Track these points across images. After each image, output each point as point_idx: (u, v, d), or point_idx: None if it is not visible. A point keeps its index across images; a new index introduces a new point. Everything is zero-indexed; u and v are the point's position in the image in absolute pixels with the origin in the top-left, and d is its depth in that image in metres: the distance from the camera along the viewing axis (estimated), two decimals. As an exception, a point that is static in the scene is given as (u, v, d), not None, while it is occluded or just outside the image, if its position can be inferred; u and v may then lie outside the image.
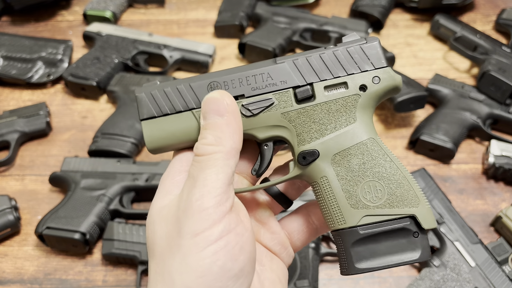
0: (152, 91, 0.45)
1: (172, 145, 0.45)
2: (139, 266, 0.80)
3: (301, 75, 0.44)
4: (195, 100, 0.44)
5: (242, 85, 0.44)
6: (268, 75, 0.44)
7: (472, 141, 1.04)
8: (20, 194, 0.93)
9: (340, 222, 0.43)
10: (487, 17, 1.33)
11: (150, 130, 0.44)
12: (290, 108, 0.44)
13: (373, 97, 0.44)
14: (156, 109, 0.45)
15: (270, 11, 1.25)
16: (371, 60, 0.44)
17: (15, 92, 1.12)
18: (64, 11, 1.32)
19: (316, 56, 0.44)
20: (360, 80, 0.44)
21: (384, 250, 0.42)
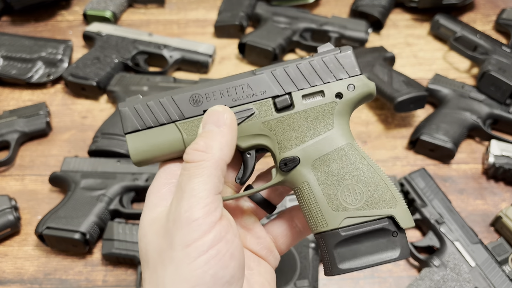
0: (135, 105, 0.46)
1: (156, 157, 0.46)
2: (139, 266, 0.80)
3: (279, 85, 0.46)
4: (177, 113, 0.46)
5: (223, 96, 0.46)
6: (248, 86, 0.46)
7: (472, 141, 1.04)
8: (20, 194, 0.93)
9: (322, 225, 0.44)
10: (487, 17, 1.33)
11: (134, 143, 0.46)
12: (270, 117, 0.46)
13: (349, 104, 0.46)
14: (139, 123, 0.46)
15: (270, 11, 1.25)
16: (346, 68, 0.46)
17: (15, 92, 1.12)
18: (64, 11, 1.32)
19: (293, 66, 0.46)
20: (336, 88, 0.46)
21: (365, 250, 0.44)
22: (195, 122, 0.45)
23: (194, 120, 0.45)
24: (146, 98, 0.46)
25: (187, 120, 0.46)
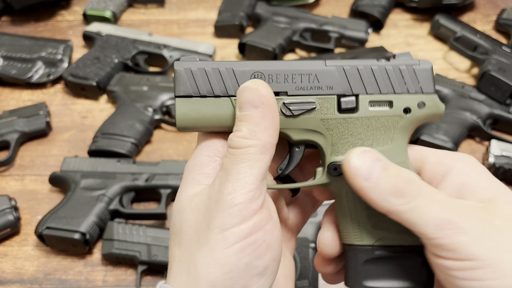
0: (192, 68, 0.43)
1: (202, 127, 0.43)
2: (139, 266, 0.80)
3: (348, 84, 0.42)
4: (235, 87, 0.42)
5: (287, 82, 0.42)
6: (315, 77, 0.43)
7: (472, 141, 1.04)
8: (20, 194, 0.93)
9: (357, 238, 0.42)
10: (487, 17, 1.33)
11: (183, 108, 0.42)
12: (331, 115, 0.42)
13: (414, 121, 0.43)
14: (193, 89, 0.43)
15: (270, 11, 1.25)
16: (421, 84, 0.42)
17: (15, 92, 1.12)
18: (64, 11, 1.32)
19: (367, 67, 0.43)
20: (406, 102, 0.42)
21: (392, 273, 0.42)
22: None
23: None
24: (204, 63, 0.43)
25: None
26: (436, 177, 0.41)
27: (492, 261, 0.35)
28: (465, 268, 0.35)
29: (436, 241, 0.36)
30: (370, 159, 0.39)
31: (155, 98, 1.04)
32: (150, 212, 0.87)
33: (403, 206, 0.37)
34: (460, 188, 0.40)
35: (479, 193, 0.39)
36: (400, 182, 0.37)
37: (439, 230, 0.36)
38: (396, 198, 0.37)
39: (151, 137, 1.02)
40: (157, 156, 1.00)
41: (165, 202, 0.88)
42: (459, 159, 0.41)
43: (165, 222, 0.90)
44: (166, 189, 0.89)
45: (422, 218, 0.36)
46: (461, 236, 0.35)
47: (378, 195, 0.38)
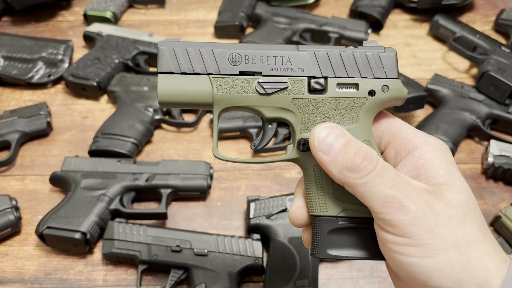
0: (175, 47, 0.46)
1: (182, 102, 0.46)
2: (139, 265, 0.81)
3: (318, 67, 0.46)
4: (214, 66, 0.46)
5: (262, 63, 0.46)
6: (288, 60, 0.46)
7: (472, 141, 1.04)
8: (21, 194, 0.94)
9: (322, 209, 0.46)
10: (487, 18, 1.33)
11: (164, 84, 0.46)
12: (301, 95, 0.46)
13: (378, 103, 0.46)
14: (175, 66, 0.46)
15: (270, 12, 1.25)
16: (385, 69, 0.46)
17: (16, 92, 1.13)
18: (65, 12, 1.33)
19: (336, 52, 0.46)
20: (370, 85, 0.46)
21: (354, 243, 0.46)
22: (229, 80, 0.46)
23: (228, 78, 0.46)
24: (186, 43, 0.46)
25: (222, 76, 0.46)
26: (401, 153, 0.45)
27: (423, 241, 0.39)
28: (400, 244, 0.39)
29: (381, 215, 0.40)
30: (333, 134, 0.42)
31: (156, 98, 1.04)
32: (151, 212, 0.87)
33: (356, 180, 0.40)
34: (417, 168, 0.43)
35: (432, 177, 0.42)
36: (357, 158, 0.40)
37: (384, 206, 0.39)
38: (350, 173, 0.41)
39: (151, 137, 1.03)
40: (157, 156, 1.01)
41: (165, 202, 0.88)
42: (428, 142, 0.44)
43: (166, 222, 0.90)
44: (166, 189, 0.89)
45: (371, 192, 0.40)
46: (402, 215, 0.39)
47: (335, 168, 0.41)
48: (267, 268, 0.79)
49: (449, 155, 0.44)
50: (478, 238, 0.40)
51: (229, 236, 0.82)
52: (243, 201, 0.93)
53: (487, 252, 0.39)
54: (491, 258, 0.39)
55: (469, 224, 0.40)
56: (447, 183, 0.42)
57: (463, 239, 0.39)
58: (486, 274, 0.38)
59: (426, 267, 0.39)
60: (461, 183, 0.42)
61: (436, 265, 0.38)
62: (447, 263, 0.38)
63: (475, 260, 0.39)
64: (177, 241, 0.81)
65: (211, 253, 0.80)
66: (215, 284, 0.77)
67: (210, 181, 0.92)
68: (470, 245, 0.39)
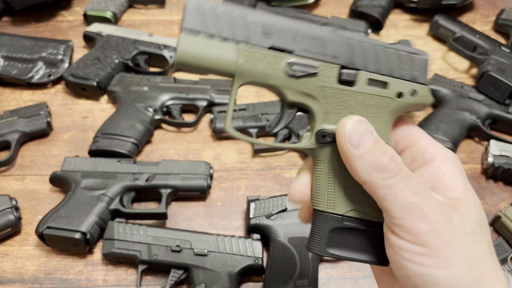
0: (205, 2, 0.41)
1: (202, 68, 0.41)
2: (139, 265, 0.81)
3: (351, 58, 0.43)
4: (244, 34, 0.41)
5: (295, 41, 0.42)
6: (323, 43, 0.43)
7: (471, 141, 1.04)
8: (21, 194, 0.94)
9: (330, 206, 0.44)
10: (486, 18, 1.33)
11: (186, 44, 0.40)
12: (330, 84, 0.43)
13: (403, 106, 0.44)
14: (202, 26, 0.41)
15: (270, 12, 1.25)
16: (417, 73, 0.44)
17: (16, 92, 1.13)
18: (65, 12, 1.33)
19: (372, 46, 0.43)
20: (400, 87, 0.44)
21: (355, 245, 0.44)
22: (257, 53, 0.41)
23: (257, 51, 0.41)
24: (217, 4, 0.42)
25: (250, 46, 0.41)
26: (418, 161, 0.44)
27: (441, 253, 0.38)
28: (416, 253, 0.38)
29: (399, 221, 0.39)
30: (363, 129, 0.40)
31: (156, 98, 1.04)
32: (151, 212, 0.87)
33: (380, 181, 0.39)
34: (434, 180, 0.43)
35: (449, 191, 0.42)
36: (385, 158, 0.39)
37: (405, 212, 0.38)
38: (376, 172, 0.39)
39: (151, 137, 1.03)
40: (157, 156, 1.01)
41: (165, 202, 0.88)
42: (445, 155, 0.44)
43: (166, 222, 0.90)
44: (166, 189, 0.89)
45: (394, 196, 0.39)
46: (423, 224, 0.38)
47: (361, 165, 0.39)
48: (267, 268, 0.79)
49: (463, 171, 0.44)
50: (488, 255, 0.40)
51: (229, 236, 0.82)
52: (243, 201, 0.93)
53: (494, 269, 0.40)
54: (497, 274, 0.40)
55: (481, 240, 0.40)
56: (463, 198, 0.42)
57: (476, 254, 0.39)
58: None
59: (440, 279, 0.38)
60: (475, 200, 0.43)
61: (451, 278, 0.38)
62: (461, 276, 0.38)
63: (486, 275, 0.39)
64: (177, 241, 0.81)
65: (211, 253, 0.80)
66: (215, 284, 0.77)
67: (210, 181, 0.92)
68: (481, 261, 0.39)
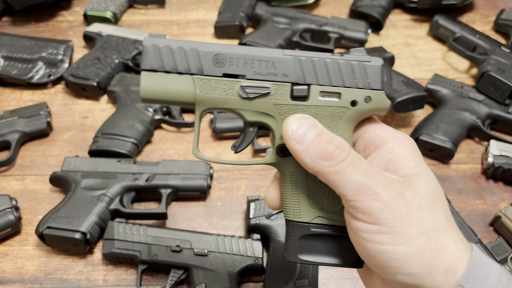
0: (159, 44, 0.45)
1: (164, 100, 0.46)
2: (139, 265, 0.81)
3: (302, 74, 0.45)
4: (197, 67, 0.45)
5: (246, 66, 0.45)
6: (272, 64, 0.45)
7: (471, 141, 1.04)
8: (21, 194, 0.94)
9: (296, 215, 0.47)
10: (486, 18, 1.33)
11: (147, 81, 0.45)
12: (283, 101, 0.46)
13: (359, 113, 0.46)
14: (158, 64, 0.45)
15: (270, 12, 1.25)
16: (370, 79, 0.46)
17: (16, 92, 1.13)
18: (65, 12, 1.33)
19: (321, 60, 0.45)
20: (353, 95, 0.46)
21: (325, 250, 0.47)
22: (212, 81, 0.45)
23: (211, 79, 0.45)
24: (171, 40, 0.46)
25: (205, 77, 0.45)
26: (370, 147, 0.46)
27: (395, 228, 0.39)
28: (372, 232, 0.40)
29: (354, 203, 0.41)
30: (306, 125, 0.43)
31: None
32: (151, 212, 0.87)
33: (329, 168, 0.41)
34: (386, 162, 0.44)
35: (401, 169, 0.44)
36: (330, 147, 0.41)
37: (357, 194, 0.40)
38: (323, 161, 0.41)
39: (151, 137, 1.03)
40: (157, 156, 1.01)
41: (165, 202, 0.88)
42: (396, 137, 0.46)
43: (166, 222, 0.90)
44: (166, 189, 0.89)
45: (344, 180, 0.41)
46: (375, 202, 0.40)
47: (308, 157, 0.42)
48: (267, 268, 0.79)
49: (417, 150, 0.46)
50: (445, 226, 0.41)
51: (229, 236, 0.82)
52: (243, 201, 0.93)
53: (453, 239, 0.41)
54: (457, 245, 0.41)
55: (437, 213, 0.42)
56: (416, 174, 0.43)
57: (432, 227, 0.40)
58: (453, 260, 0.40)
59: (399, 254, 0.39)
60: (428, 174, 0.44)
61: (408, 252, 0.39)
62: (419, 250, 0.39)
63: (444, 247, 0.40)
64: (177, 241, 0.81)
65: (211, 253, 0.80)
66: (215, 284, 0.77)
67: (210, 181, 0.92)
68: (438, 232, 0.41)
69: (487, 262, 0.41)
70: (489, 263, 0.41)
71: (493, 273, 0.40)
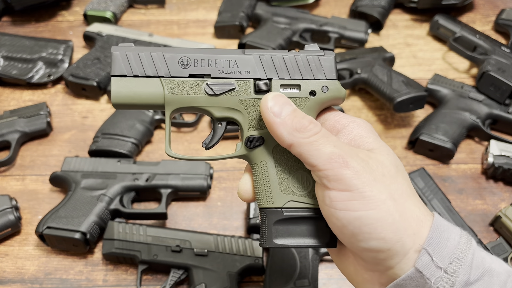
0: (127, 51, 0.49)
1: (135, 104, 0.49)
2: (139, 265, 0.81)
3: (263, 70, 0.49)
4: (165, 69, 0.49)
5: (210, 66, 0.49)
6: (234, 63, 0.49)
7: (472, 141, 1.04)
8: (21, 194, 0.94)
9: (269, 202, 0.49)
10: (487, 18, 1.33)
11: (118, 86, 0.48)
12: (248, 96, 0.49)
13: (319, 102, 0.50)
14: (127, 69, 0.49)
15: (270, 12, 1.25)
16: (325, 71, 0.50)
17: (16, 92, 1.13)
18: (65, 12, 1.33)
19: (280, 56, 0.49)
20: (311, 86, 0.49)
21: (299, 233, 0.49)
22: (179, 82, 0.49)
23: (178, 80, 0.49)
24: (138, 48, 0.49)
25: (172, 78, 0.49)
26: (332, 132, 0.49)
27: (366, 193, 0.42)
28: (345, 200, 0.42)
29: (326, 172, 0.43)
30: (283, 100, 0.47)
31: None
32: (151, 212, 0.87)
33: (303, 139, 0.44)
34: (349, 142, 0.48)
35: (363, 146, 0.47)
36: (304, 121, 0.45)
37: (328, 163, 0.43)
38: (299, 133, 0.45)
39: (151, 137, 1.03)
40: (157, 156, 1.01)
41: (165, 202, 0.88)
42: (354, 121, 0.49)
43: (166, 222, 0.90)
44: (166, 189, 0.89)
45: (317, 150, 0.44)
46: (345, 169, 0.42)
47: (284, 129, 0.45)
48: (267, 268, 0.79)
49: (374, 131, 0.50)
50: (408, 193, 0.44)
51: (229, 236, 0.82)
52: (243, 201, 0.93)
53: (417, 205, 0.44)
54: (420, 210, 0.44)
55: (400, 181, 0.44)
56: (376, 148, 0.47)
57: (397, 193, 0.43)
58: (418, 223, 0.42)
59: (371, 219, 0.41)
60: (388, 149, 0.47)
61: (380, 216, 0.41)
62: (388, 213, 0.42)
63: (409, 211, 0.43)
64: (177, 241, 0.81)
65: (211, 253, 0.80)
66: (215, 284, 0.77)
67: (210, 181, 0.92)
68: (403, 198, 0.43)
69: (448, 226, 0.43)
70: (450, 226, 0.43)
71: (453, 235, 0.42)
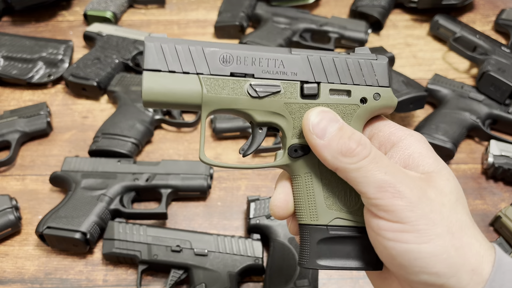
0: (163, 43, 0.43)
1: (168, 103, 0.44)
2: (139, 265, 0.81)
3: (311, 72, 0.45)
4: (204, 66, 0.44)
5: (254, 65, 0.44)
6: (281, 63, 0.45)
7: (472, 141, 1.04)
8: (21, 194, 0.94)
9: (313, 218, 0.45)
10: (487, 18, 1.33)
11: (150, 82, 0.43)
12: (294, 100, 0.45)
13: (369, 111, 0.46)
14: (162, 64, 0.43)
15: (270, 12, 1.25)
16: (377, 77, 0.46)
17: (16, 92, 1.13)
18: (65, 12, 1.33)
19: (330, 58, 0.45)
20: (362, 93, 0.45)
21: (344, 253, 0.45)
22: (219, 81, 0.44)
23: (219, 78, 0.44)
24: (174, 40, 0.44)
25: (212, 76, 0.44)
26: (386, 145, 0.45)
27: (419, 227, 0.38)
28: (395, 230, 0.39)
29: (375, 201, 0.39)
30: (327, 119, 0.42)
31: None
32: (151, 212, 0.87)
33: (350, 165, 0.40)
34: (405, 159, 0.43)
35: (422, 166, 0.43)
36: (352, 143, 0.40)
37: (379, 192, 0.39)
38: (345, 157, 0.40)
39: (151, 137, 1.03)
40: (157, 156, 1.01)
41: (165, 201, 0.88)
42: (410, 134, 0.45)
43: (166, 222, 0.90)
44: (166, 189, 0.89)
45: (366, 178, 0.40)
46: (398, 200, 0.39)
47: (328, 153, 0.41)
48: (267, 268, 0.79)
49: (429, 146, 0.45)
50: (468, 224, 0.40)
51: (229, 236, 0.82)
52: (243, 201, 0.93)
53: (477, 238, 0.40)
54: (481, 244, 0.40)
55: (460, 211, 0.41)
56: (437, 171, 0.42)
57: (456, 225, 0.39)
58: (478, 259, 0.39)
59: (423, 253, 0.38)
60: (449, 171, 0.43)
61: (433, 251, 0.38)
62: (443, 248, 0.38)
63: (468, 245, 0.39)
64: (177, 241, 0.81)
65: (211, 253, 0.80)
66: (215, 284, 0.77)
67: (210, 181, 0.92)
68: (462, 230, 0.39)
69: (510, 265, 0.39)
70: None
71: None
